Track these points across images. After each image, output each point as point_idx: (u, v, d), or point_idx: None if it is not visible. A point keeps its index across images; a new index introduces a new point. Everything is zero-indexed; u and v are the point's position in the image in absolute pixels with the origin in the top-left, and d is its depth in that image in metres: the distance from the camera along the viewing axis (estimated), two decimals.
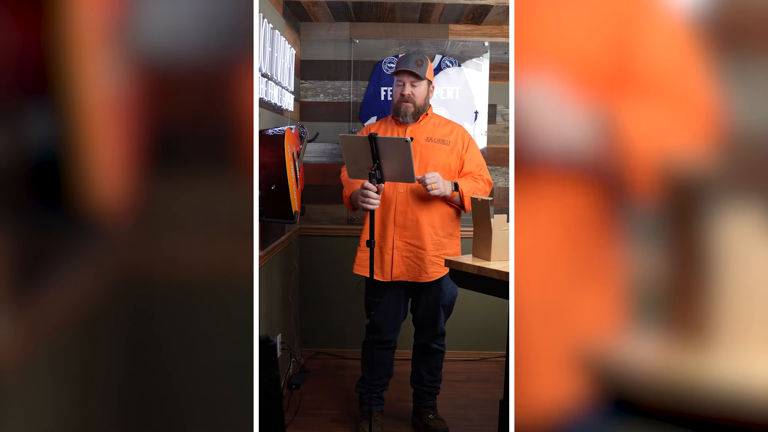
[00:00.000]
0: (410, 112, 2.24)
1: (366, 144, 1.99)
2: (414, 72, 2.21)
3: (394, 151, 1.99)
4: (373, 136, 1.98)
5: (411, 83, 2.23)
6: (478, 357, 3.23)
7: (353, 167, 2.08)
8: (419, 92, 2.24)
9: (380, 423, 2.42)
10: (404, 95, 2.23)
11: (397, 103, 2.26)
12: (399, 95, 2.25)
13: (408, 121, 2.26)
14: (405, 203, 2.22)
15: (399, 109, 2.26)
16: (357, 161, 2.05)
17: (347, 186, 2.28)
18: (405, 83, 2.23)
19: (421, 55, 2.27)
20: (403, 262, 2.25)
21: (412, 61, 2.24)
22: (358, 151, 2.02)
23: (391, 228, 2.24)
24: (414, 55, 2.27)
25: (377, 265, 2.27)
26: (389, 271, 2.26)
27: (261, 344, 1.10)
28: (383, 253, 2.26)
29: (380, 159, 2.00)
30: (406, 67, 2.22)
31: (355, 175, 2.11)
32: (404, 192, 2.21)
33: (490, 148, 3.15)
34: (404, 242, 2.25)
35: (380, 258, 2.27)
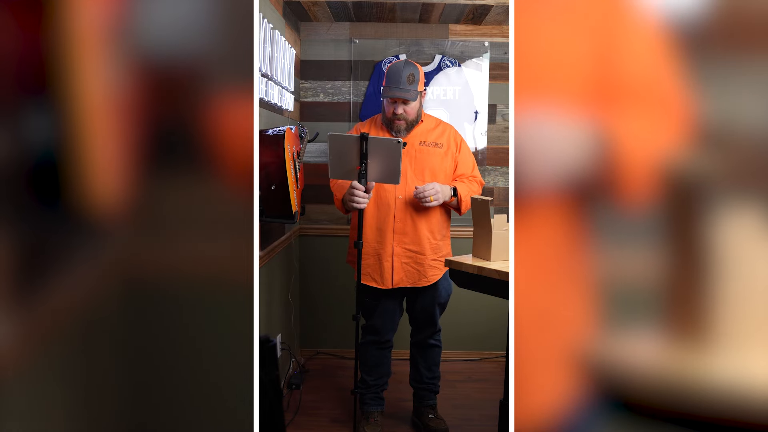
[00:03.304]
0: (403, 128, 2.21)
1: (356, 143, 1.99)
2: (404, 96, 2.14)
3: (384, 152, 1.99)
4: (365, 136, 1.97)
5: (402, 101, 2.16)
6: (478, 357, 3.23)
7: (337, 167, 2.06)
8: (411, 108, 2.19)
9: (380, 423, 2.42)
10: (396, 114, 2.17)
11: (390, 120, 2.21)
12: (391, 113, 2.19)
13: (402, 135, 2.22)
14: (404, 210, 2.21)
15: (392, 125, 2.21)
16: (342, 160, 2.04)
17: (338, 190, 2.24)
18: (397, 102, 2.16)
19: (412, 68, 2.17)
20: (402, 268, 2.25)
21: (403, 79, 2.14)
22: (346, 149, 2.02)
23: (390, 235, 2.23)
24: (405, 68, 2.16)
25: (376, 272, 2.26)
26: (389, 278, 2.25)
27: (261, 344, 1.10)
28: (382, 260, 2.24)
29: (368, 159, 2.00)
30: (397, 91, 2.14)
31: (337, 174, 2.09)
32: (403, 198, 2.20)
33: (490, 148, 3.15)
34: (403, 248, 2.23)
35: (379, 266, 2.25)
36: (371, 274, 2.27)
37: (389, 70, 2.20)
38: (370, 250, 2.25)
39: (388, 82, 2.17)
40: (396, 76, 2.16)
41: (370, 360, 2.40)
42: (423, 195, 2.13)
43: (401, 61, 2.24)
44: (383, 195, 2.21)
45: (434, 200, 2.14)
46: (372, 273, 2.26)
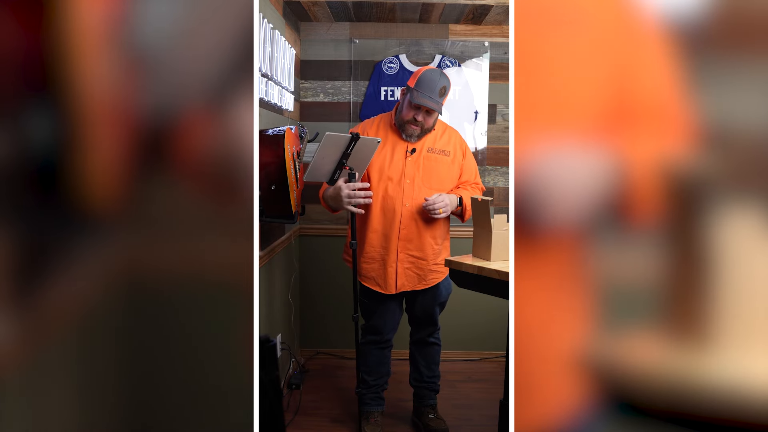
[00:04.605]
0: (416, 134, 2.19)
1: (345, 142, 1.99)
2: (434, 108, 2.10)
3: (367, 151, 2.00)
4: (356, 136, 1.97)
5: (427, 111, 2.13)
6: (478, 357, 3.23)
7: (320, 167, 2.04)
8: (431, 119, 2.16)
9: (380, 423, 2.42)
10: (417, 120, 2.13)
11: (406, 123, 2.16)
12: (411, 117, 2.14)
13: (412, 141, 2.21)
14: (410, 217, 2.21)
15: (405, 129, 2.18)
16: (326, 161, 2.04)
17: (331, 200, 2.18)
18: (421, 109, 2.12)
19: (446, 82, 2.12)
20: (404, 273, 2.26)
21: (437, 90, 2.09)
22: (335, 149, 2.01)
23: (395, 241, 2.22)
24: (441, 79, 2.10)
25: (380, 278, 2.26)
26: (393, 284, 2.25)
27: (261, 344, 1.10)
28: (386, 266, 2.25)
29: (349, 157, 2.02)
30: (429, 101, 2.08)
31: (314, 176, 2.05)
32: (410, 206, 2.20)
33: (490, 148, 3.16)
34: (406, 254, 2.24)
35: (383, 271, 2.25)
36: (375, 279, 2.27)
37: (423, 75, 2.12)
38: (376, 255, 2.25)
39: (421, 88, 2.10)
40: (431, 84, 2.09)
41: (371, 360, 2.41)
42: (433, 207, 2.13)
43: (437, 70, 2.15)
44: (389, 202, 2.20)
45: (443, 212, 2.15)
46: (376, 278, 2.27)
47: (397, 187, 2.19)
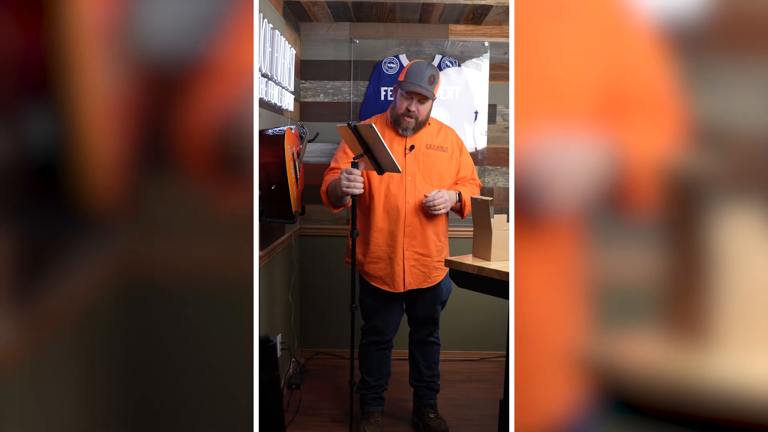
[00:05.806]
0: (411, 127, 2.20)
1: (354, 136, 2.00)
2: (425, 94, 2.14)
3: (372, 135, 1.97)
4: (353, 125, 1.97)
5: (419, 99, 2.16)
6: (478, 357, 3.23)
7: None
8: (424, 108, 2.19)
9: (380, 423, 2.42)
10: (410, 110, 2.16)
11: (400, 116, 2.19)
12: (404, 108, 2.17)
13: (408, 135, 2.23)
14: (414, 214, 2.22)
15: (400, 123, 2.20)
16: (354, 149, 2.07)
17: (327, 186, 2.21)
18: (413, 98, 2.16)
19: (434, 71, 2.18)
20: (410, 271, 2.26)
21: (426, 78, 2.14)
22: (351, 140, 2.04)
23: (401, 239, 2.23)
24: (428, 69, 2.17)
25: (388, 276, 2.27)
26: (401, 282, 2.26)
27: (261, 344, 1.10)
28: (393, 264, 2.25)
29: (371, 150, 2.01)
30: (419, 88, 2.13)
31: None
32: (413, 203, 2.21)
33: (490, 148, 3.16)
34: (412, 252, 2.25)
35: (390, 270, 2.26)
36: (383, 278, 2.27)
37: (411, 66, 2.19)
38: (382, 254, 2.25)
39: (410, 78, 2.15)
40: (419, 73, 2.15)
41: (371, 361, 2.41)
42: (433, 204, 2.15)
43: (423, 61, 2.24)
44: (393, 200, 2.21)
45: (443, 208, 2.17)
46: (384, 277, 2.27)
47: (399, 184, 2.20)
